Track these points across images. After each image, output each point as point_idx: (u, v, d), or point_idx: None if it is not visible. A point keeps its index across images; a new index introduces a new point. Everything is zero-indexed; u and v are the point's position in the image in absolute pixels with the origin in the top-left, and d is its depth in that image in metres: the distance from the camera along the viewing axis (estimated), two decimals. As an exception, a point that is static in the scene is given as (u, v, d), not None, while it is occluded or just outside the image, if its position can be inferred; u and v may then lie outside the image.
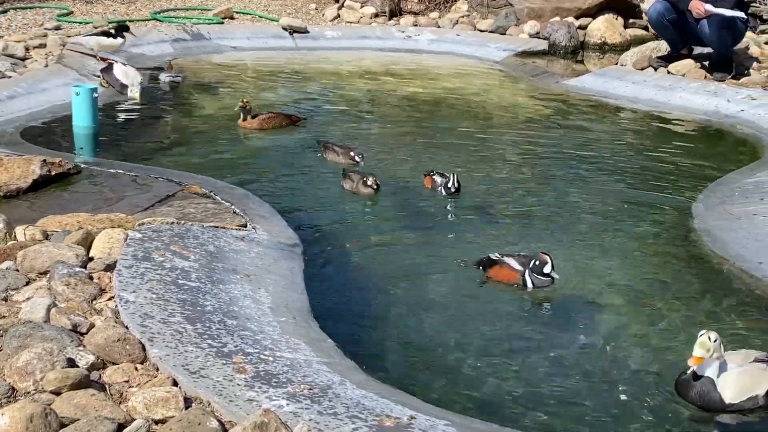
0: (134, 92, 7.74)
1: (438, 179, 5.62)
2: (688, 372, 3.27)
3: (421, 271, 4.51)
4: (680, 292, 4.34)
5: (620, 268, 4.62)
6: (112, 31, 8.92)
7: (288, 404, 2.60)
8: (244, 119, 7.11)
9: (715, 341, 3.22)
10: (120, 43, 8.81)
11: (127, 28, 9.05)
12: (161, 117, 7.67)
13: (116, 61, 8.12)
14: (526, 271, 4.20)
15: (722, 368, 3.25)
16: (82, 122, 6.70)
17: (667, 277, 4.55)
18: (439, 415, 2.71)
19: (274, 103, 8.31)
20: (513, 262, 4.26)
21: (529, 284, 4.20)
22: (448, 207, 5.50)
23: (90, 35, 8.94)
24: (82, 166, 5.16)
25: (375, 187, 5.53)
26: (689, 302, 4.23)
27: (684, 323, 3.99)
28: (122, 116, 7.54)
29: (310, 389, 2.73)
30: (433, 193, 5.65)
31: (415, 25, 12.28)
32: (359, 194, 5.55)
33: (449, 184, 5.51)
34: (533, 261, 4.19)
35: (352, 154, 6.22)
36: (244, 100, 7.20)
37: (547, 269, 4.14)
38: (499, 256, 4.35)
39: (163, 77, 8.79)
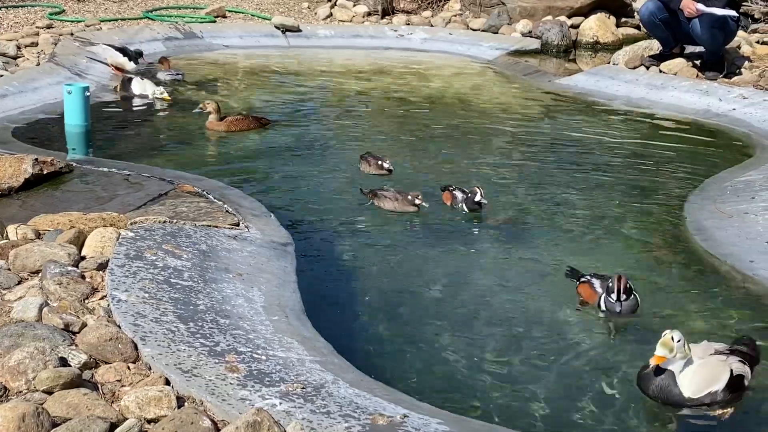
0: (162, 94, 7.79)
1: (459, 195, 5.29)
2: (650, 367, 3.28)
3: (420, 268, 4.52)
4: (671, 291, 4.36)
5: (612, 267, 4.62)
6: (131, 52, 8.90)
7: (281, 403, 2.60)
8: (219, 119, 7.01)
9: (679, 341, 3.22)
10: (131, 67, 8.75)
11: (141, 55, 9.04)
12: (153, 116, 7.66)
13: (134, 76, 8.18)
14: (603, 295, 3.99)
15: (686, 363, 3.26)
16: (74, 121, 6.68)
17: (658, 276, 4.56)
18: (432, 414, 2.71)
19: (267, 101, 8.31)
20: (596, 283, 4.08)
21: (602, 307, 3.99)
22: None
23: (110, 46, 8.94)
24: (74, 165, 5.14)
25: (424, 204, 5.19)
26: (680, 300, 4.24)
27: (675, 321, 4.00)
28: (114, 115, 7.52)
29: (303, 388, 2.73)
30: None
31: (408, 24, 12.30)
32: (405, 213, 5.21)
33: (477, 198, 5.13)
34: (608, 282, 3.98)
35: (380, 163, 5.95)
36: (206, 102, 7.11)
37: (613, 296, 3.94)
38: (588, 277, 4.14)
39: (162, 76, 8.76)
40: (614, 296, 3.90)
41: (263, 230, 4.34)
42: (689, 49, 9.36)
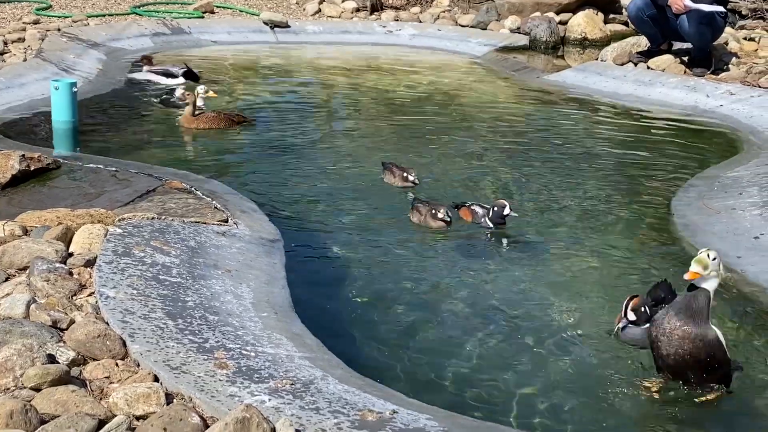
0: (206, 93, 7.55)
1: (479, 210, 5.01)
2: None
3: (405, 265, 4.52)
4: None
5: (599, 263, 4.64)
6: (174, 70, 8.70)
7: (270, 399, 2.60)
8: (193, 114, 6.97)
9: (714, 260, 3.21)
10: (180, 82, 8.51)
11: (192, 73, 8.77)
12: (141, 112, 7.63)
13: (177, 87, 8.02)
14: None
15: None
16: (61, 117, 6.65)
17: (646, 272, 4.58)
18: (421, 410, 2.71)
19: (255, 97, 8.30)
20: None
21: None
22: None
23: (152, 71, 8.75)
24: (62, 161, 5.12)
25: (448, 219, 4.93)
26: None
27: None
28: (102, 111, 7.49)
29: (292, 384, 2.72)
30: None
31: (397, 20, 12.29)
32: (429, 228, 4.95)
33: (506, 211, 4.84)
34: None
35: (405, 174, 5.68)
36: (189, 93, 7.13)
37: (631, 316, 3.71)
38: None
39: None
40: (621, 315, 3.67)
41: (252, 226, 4.33)
42: (677, 45, 9.39)
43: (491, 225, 4.89)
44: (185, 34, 10.88)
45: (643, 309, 3.64)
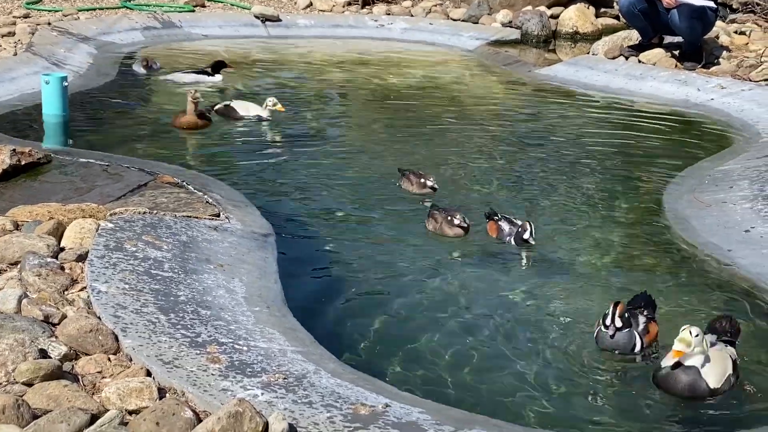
0: (275, 106, 7.02)
1: (506, 227, 4.69)
2: (665, 366, 3.30)
3: (398, 259, 4.53)
4: (650, 280, 4.38)
5: (590, 256, 4.65)
6: (208, 69, 8.50)
7: (263, 393, 2.60)
8: (196, 114, 6.66)
9: (696, 336, 3.24)
10: (219, 80, 8.37)
11: (223, 65, 8.58)
12: (132, 106, 7.61)
13: (233, 99, 7.41)
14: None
15: (706, 358, 3.29)
16: (52, 111, 6.63)
17: (637, 266, 4.60)
18: (414, 403, 2.72)
19: (246, 92, 8.27)
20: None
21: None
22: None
23: (187, 72, 8.54)
24: (53, 155, 5.10)
25: (465, 226, 4.76)
26: (659, 289, 4.25)
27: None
28: (93, 105, 7.46)
29: (285, 378, 2.73)
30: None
31: (388, 14, 12.27)
32: (445, 235, 4.76)
33: (526, 236, 4.55)
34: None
35: (423, 180, 5.41)
36: (193, 93, 6.70)
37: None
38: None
39: (137, 68, 8.67)
40: (608, 322, 3.59)
41: (244, 221, 4.33)
42: (668, 39, 9.41)
43: (515, 244, 4.60)
44: (176, 28, 10.85)
45: (626, 315, 3.59)
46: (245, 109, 7.12)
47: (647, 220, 5.23)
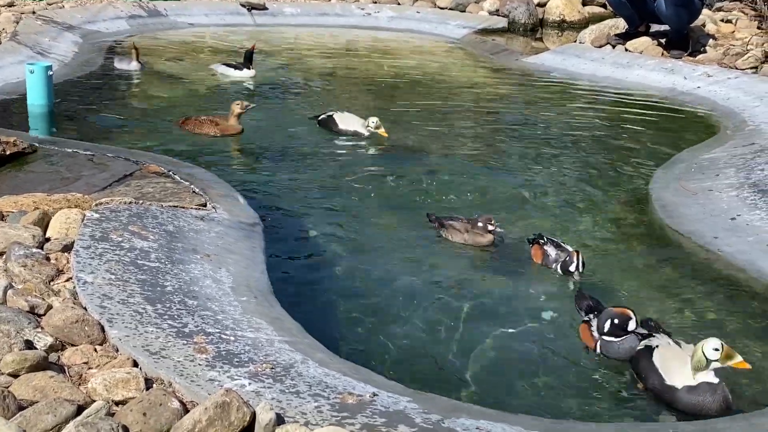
0: (377, 128, 6.38)
1: (552, 253, 4.30)
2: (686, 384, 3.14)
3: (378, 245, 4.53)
4: (636, 268, 4.40)
5: (575, 243, 4.65)
6: (234, 62, 8.33)
7: (250, 383, 2.60)
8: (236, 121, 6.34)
9: (716, 349, 3.10)
10: (251, 75, 8.19)
11: (250, 57, 8.30)
12: (118, 95, 7.56)
13: (335, 112, 6.73)
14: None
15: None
16: (37, 101, 6.59)
17: (623, 253, 4.61)
18: (402, 392, 2.72)
19: (234, 81, 8.23)
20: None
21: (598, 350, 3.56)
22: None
23: (224, 64, 8.38)
24: (38, 145, 5.06)
25: (499, 230, 4.44)
26: (645, 277, 4.28)
27: (640, 298, 4.05)
28: (78, 95, 7.41)
29: (272, 368, 2.72)
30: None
31: (375, 2, 12.23)
32: (479, 245, 4.51)
33: (572, 269, 4.18)
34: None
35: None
36: (243, 103, 6.36)
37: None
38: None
39: (125, 65, 8.52)
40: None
41: (231, 210, 4.31)
42: (654, 27, 9.42)
43: (561, 273, 4.24)
44: (162, 16, 10.79)
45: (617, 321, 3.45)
46: (345, 122, 6.56)
47: (634, 208, 5.24)
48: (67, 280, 3.19)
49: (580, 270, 4.16)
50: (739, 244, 4.48)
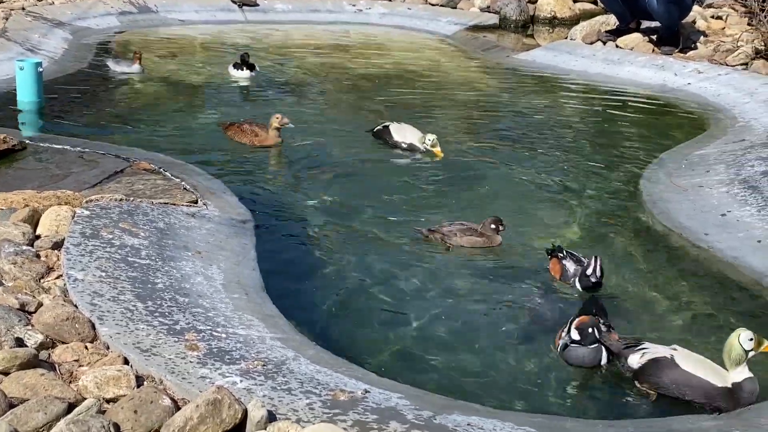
0: (433, 146, 5.97)
1: (570, 267, 4.07)
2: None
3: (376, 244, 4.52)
4: (627, 263, 4.40)
5: (567, 240, 4.66)
6: (240, 64, 8.16)
7: (241, 381, 2.59)
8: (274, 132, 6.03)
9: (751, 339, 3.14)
10: (248, 75, 8.05)
11: (246, 61, 8.15)
12: (109, 92, 7.53)
13: (391, 123, 6.32)
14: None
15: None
16: (26, 97, 6.56)
17: (614, 249, 4.61)
18: (394, 389, 2.73)
19: (224, 79, 8.21)
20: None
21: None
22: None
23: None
24: (27, 142, 5.04)
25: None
26: (636, 272, 4.29)
27: (631, 293, 4.06)
28: (68, 91, 7.38)
29: (264, 365, 2.72)
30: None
31: (366, -2, 12.22)
32: (494, 245, 4.45)
33: (588, 272, 3.95)
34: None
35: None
36: (282, 117, 6.03)
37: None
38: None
39: (122, 68, 8.43)
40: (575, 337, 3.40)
41: (222, 207, 4.31)
42: (645, 23, 9.44)
43: (580, 287, 4.01)
44: (152, 12, 10.76)
45: (590, 329, 3.36)
46: (401, 134, 6.14)
47: (625, 205, 5.25)
48: (57, 278, 3.18)
49: (597, 275, 3.92)
50: (729, 240, 4.50)
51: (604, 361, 3.39)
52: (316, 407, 2.48)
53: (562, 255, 4.13)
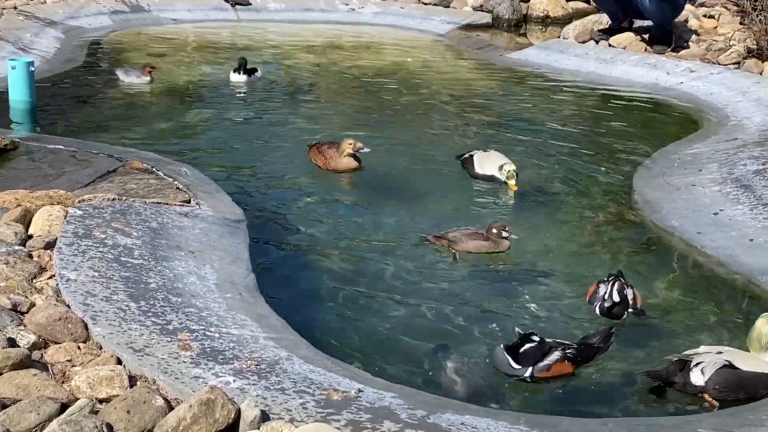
0: (509, 179, 5.37)
1: (600, 291, 3.88)
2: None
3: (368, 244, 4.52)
4: (620, 263, 4.40)
5: (560, 240, 4.67)
6: (240, 68, 8.05)
7: (235, 380, 2.59)
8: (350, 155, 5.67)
9: None
10: (244, 80, 7.94)
11: (244, 67, 8.05)
12: (101, 92, 7.51)
13: (475, 152, 5.76)
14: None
15: None
16: (18, 97, 6.54)
17: (607, 248, 4.62)
18: (387, 388, 2.73)
19: (217, 77, 8.20)
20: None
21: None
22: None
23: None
24: (20, 141, 5.02)
25: (513, 236, 4.39)
26: (629, 272, 4.28)
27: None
28: (60, 90, 7.36)
29: (257, 365, 2.72)
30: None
31: (359, -3, 12.22)
32: (498, 249, 4.45)
33: (603, 293, 3.84)
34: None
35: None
36: (356, 143, 5.68)
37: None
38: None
39: (130, 77, 8.33)
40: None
41: (215, 207, 4.30)
42: (638, 23, 9.45)
43: (599, 312, 3.86)
44: (144, 11, 10.74)
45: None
46: (482, 165, 5.62)
47: (617, 203, 5.26)
48: (49, 278, 3.17)
49: (614, 299, 3.78)
50: (722, 239, 4.51)
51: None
52: (309, 407, 2.48)
53: (606, 280, 3.91)
